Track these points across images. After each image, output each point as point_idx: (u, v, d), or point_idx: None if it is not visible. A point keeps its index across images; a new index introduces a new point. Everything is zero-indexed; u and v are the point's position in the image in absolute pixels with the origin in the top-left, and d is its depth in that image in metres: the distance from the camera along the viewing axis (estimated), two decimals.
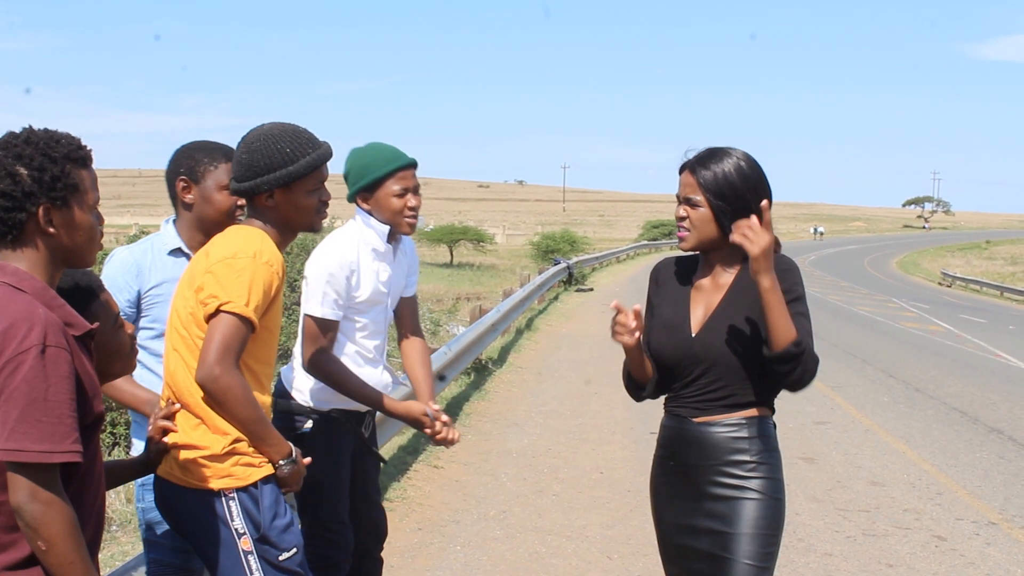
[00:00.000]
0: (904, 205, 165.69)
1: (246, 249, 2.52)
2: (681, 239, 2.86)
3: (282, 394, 3.39)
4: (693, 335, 2.81)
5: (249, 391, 2.48)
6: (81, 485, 2.00)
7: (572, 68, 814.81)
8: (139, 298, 2.99)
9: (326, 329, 3.24)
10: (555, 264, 24.18)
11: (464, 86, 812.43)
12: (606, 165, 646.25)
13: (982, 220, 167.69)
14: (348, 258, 3.27)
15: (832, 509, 6.33)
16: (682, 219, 2.83)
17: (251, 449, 2.54)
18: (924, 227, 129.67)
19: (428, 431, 3.40)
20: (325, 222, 2.83)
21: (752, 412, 2.79)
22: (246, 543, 2.52)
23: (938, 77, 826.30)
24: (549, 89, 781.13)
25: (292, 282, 12.59)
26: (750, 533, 2.71)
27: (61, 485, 1.89)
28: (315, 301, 3.22)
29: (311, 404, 3.35)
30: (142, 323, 2.99)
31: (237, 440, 2.52)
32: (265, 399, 2.62)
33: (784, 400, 3.04)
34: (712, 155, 2.80)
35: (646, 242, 49.79)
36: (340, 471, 3.39)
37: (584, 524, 5.87)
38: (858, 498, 6.66)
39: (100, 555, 4.58)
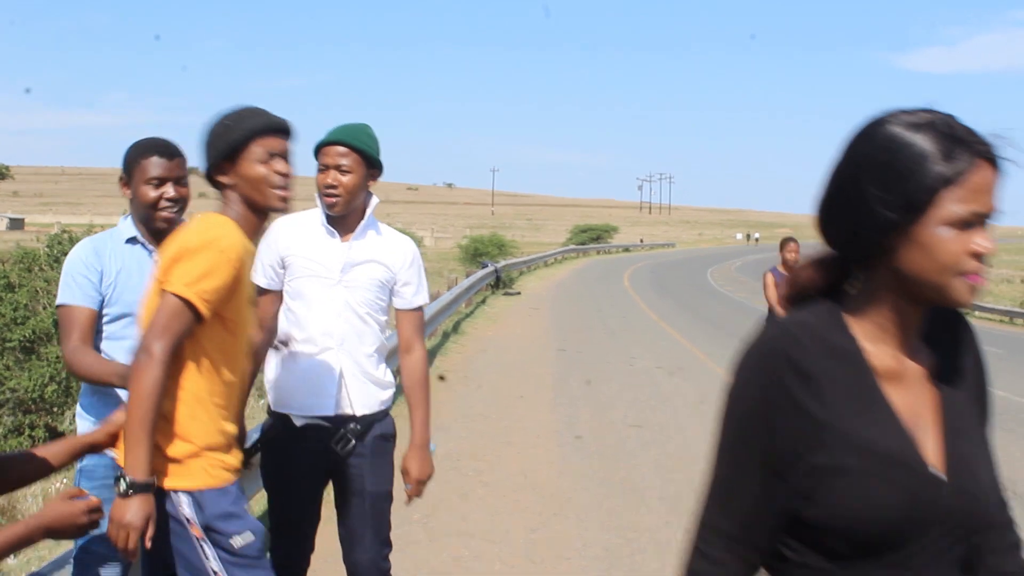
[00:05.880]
0: None
1: (204, 235, 2.47)
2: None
3: None
4: (943, 475, 1.43)
5: (156, 387, 2.36)
6: None
7: (502, 70, 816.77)
8: (101, 280, 3.12)
9: (261, 299, 3.25)
10: (483, 267, 24.20)
11: (393, 87, 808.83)
12: (536, 167, 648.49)
13: None
14: (275, 231, 3.29)
15: None
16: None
17: (208, 459, 2.50)
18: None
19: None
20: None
21: None
22: (196, 531, 2.48)
23: (861, 87, 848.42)
24: (479, 91, 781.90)
25: None
26: None
27: None
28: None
29: (272, 403, 3.28)
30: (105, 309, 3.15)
31: (195, 454, 2.49)
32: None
33: None
34: None
35: (574, 246, 50.19)
36: (290, 492, 3.24)
37: (507, 528, 5.89)
38: None
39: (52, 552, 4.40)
